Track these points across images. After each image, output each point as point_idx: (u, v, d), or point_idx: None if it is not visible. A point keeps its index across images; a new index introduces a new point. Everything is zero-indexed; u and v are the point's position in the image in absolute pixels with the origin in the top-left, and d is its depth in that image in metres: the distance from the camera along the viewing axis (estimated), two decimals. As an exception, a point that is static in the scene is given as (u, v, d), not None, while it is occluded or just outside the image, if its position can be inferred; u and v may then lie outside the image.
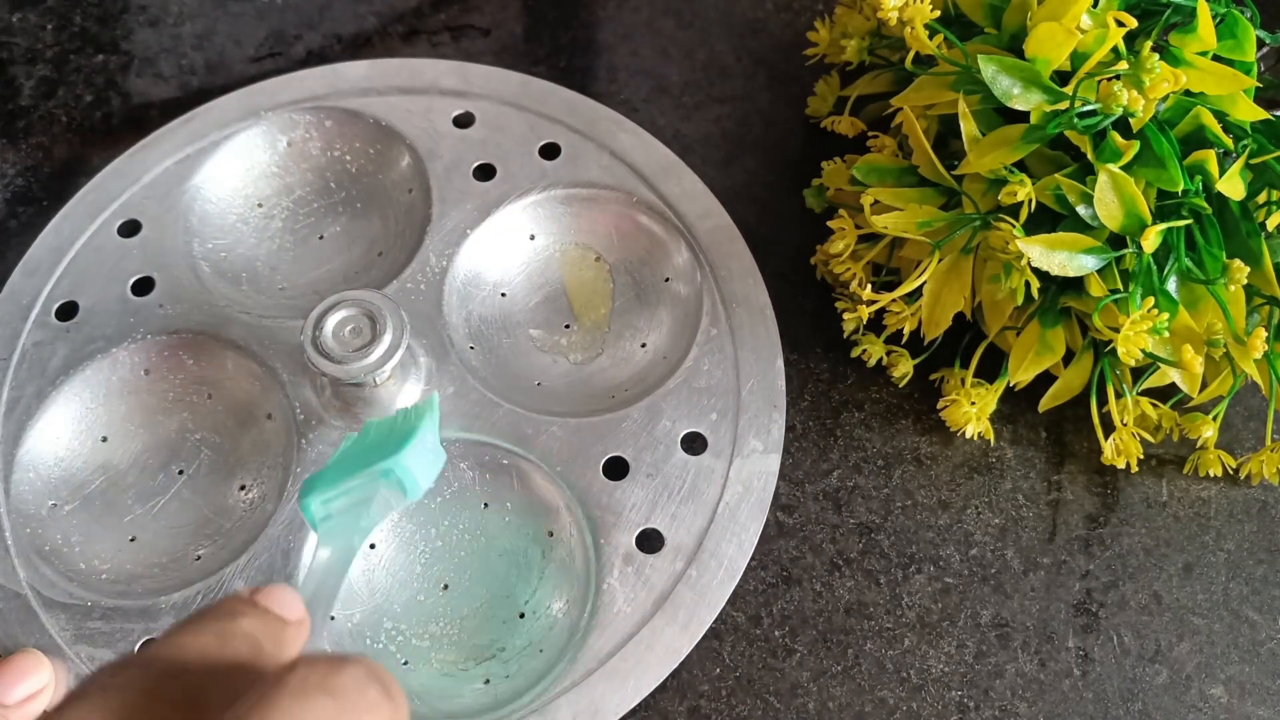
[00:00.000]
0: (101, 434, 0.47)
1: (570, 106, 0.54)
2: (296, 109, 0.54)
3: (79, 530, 0.45)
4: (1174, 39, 0.43)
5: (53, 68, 0.58)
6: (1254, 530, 0.46)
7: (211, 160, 0.53)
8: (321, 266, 0.52)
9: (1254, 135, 0.44)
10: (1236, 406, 0.48)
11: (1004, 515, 0.47)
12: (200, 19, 0.59)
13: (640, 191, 0.51)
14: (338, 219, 0.53)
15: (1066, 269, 0.41)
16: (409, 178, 0.53)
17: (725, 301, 0.49)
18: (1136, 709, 0.43)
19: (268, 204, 0.53)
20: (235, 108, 0.54)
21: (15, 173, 0.54)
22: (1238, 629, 0.44)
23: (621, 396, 0.48)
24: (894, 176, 0.47)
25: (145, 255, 0.50)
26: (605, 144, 0.53)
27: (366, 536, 0.35)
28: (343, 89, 0.54)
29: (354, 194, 0.54)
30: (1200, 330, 0.43)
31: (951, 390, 0.47)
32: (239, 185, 0.53)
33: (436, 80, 0.55)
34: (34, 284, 0.49)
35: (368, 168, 0.54)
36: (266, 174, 0.54)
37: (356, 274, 0.51)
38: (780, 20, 0.60)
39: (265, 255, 0.52)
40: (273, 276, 0.51)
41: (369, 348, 0.43)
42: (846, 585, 0.45)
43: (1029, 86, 0.42)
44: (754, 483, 0.45)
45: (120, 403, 0.47)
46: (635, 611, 0.43)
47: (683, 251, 0.50)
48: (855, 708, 0.43)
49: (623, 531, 0.44)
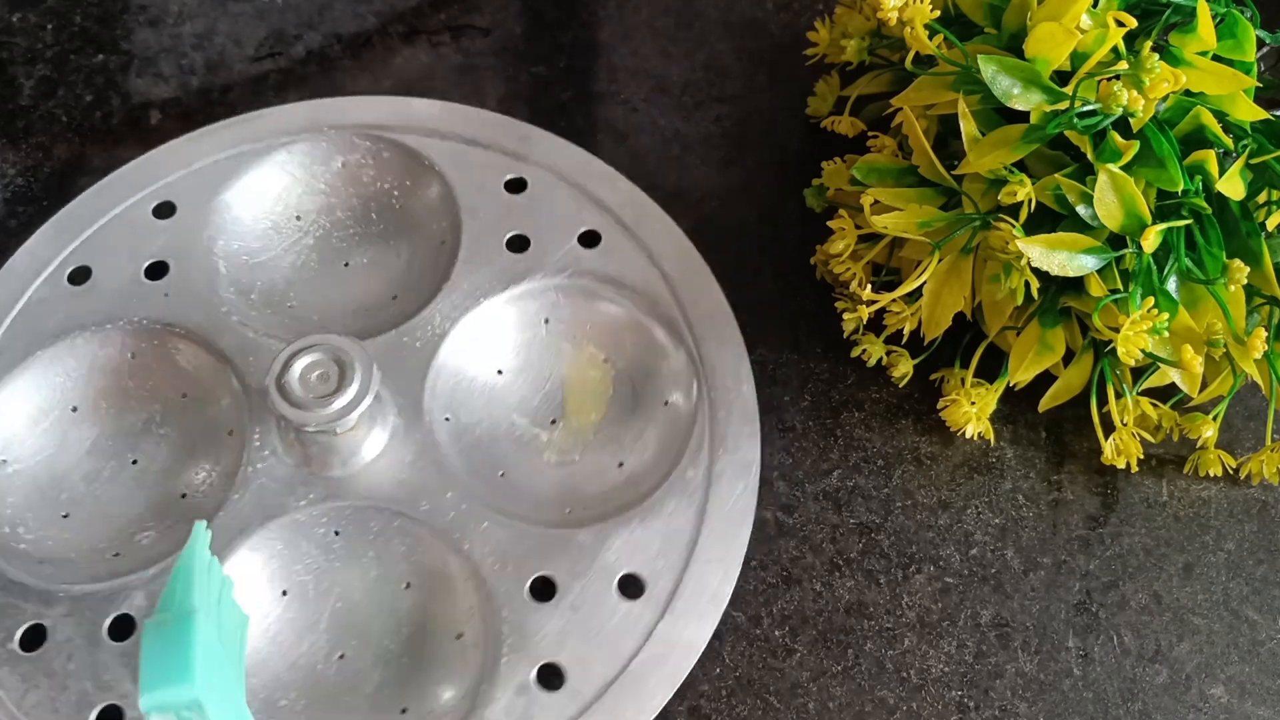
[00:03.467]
0: (73, 404, 0.47)
1: (626, 198, 0.52)
2: (360, 133, 0.53)
3: (16, 493, 0.45)
4: (1174, 39, 0.43)
5: (53, 68, 0.58)
6: (1254, 530, 0.46)
7: (263, 163, 0.52)
8: (336, 293, 0.51)
9: (1254, 135, 0.44)
10: (1236, 406, 0.48)
11: (1004, 515, 0.47)
12: (200, 19, 0.59)
13: (665, 304, 0.49)
14: (367, 250, 0.52)
15: (1066, 269, 0.41)
16: (445, 229, 0.52)
17: (713, 447, 0.46)
18: (1136, 709, 0.43)
19: (306, 219, 0.52)
20: (301, 117, 0.54)
21: (15, 173, 0.54)
22: (1238, 629, 0.44)
23: (578, 514, 0.45)
24: (894, 176, 0.47)
25: (169, 240, 0.50)
26: (646, 245, 0.50)
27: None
28: (410, 123, 0.53)
29: (389, 229, 0.53)
30: (1200, 330, 0.43)
31: (951, 390, 0.47)
32: (283, 194, 0.52)
33: (501, 138, 0.53)
34: (58, 244, 0.50)
35: (410, 207, 0.53)
36: (313, 190, 0.53)
37: (365, 312, 0.50)
38: (780, 20, 0.60)
39: (287, 269, 0.51)
40: (286, 292, 0.51)
41: (333, 396, 0.41)
42: (846, 585, 0.45)
43: (1029, 86, 0.42)
44: (673, 653, 0.42)
45: (100, 379, 0.47)
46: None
47: (690, 382, 0.48)
48: (855, 707, 0.43)
49: (525, 660, 0.41)
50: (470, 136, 0.54)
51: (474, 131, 0.54)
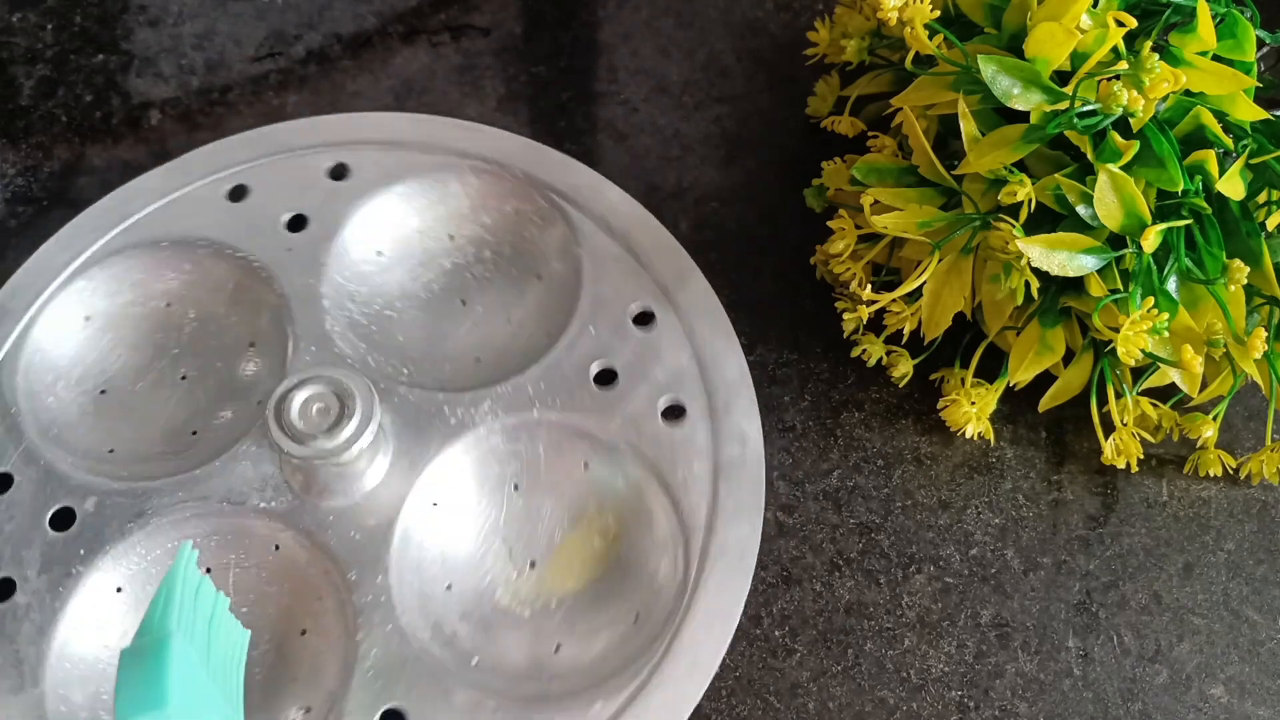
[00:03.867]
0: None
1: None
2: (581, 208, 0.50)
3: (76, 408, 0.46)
4: (1174, 39, 0.43)
5: (53, 68, 0.58)
6: (1254, 530, 0.46)
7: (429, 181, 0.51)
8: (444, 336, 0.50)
9: (1254, 135, 0.44)
10: (1236, 406, 0.48)
11: (1004, 515, 0.47)
12: (200, 19, 0.59)
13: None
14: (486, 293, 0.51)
15: (1066, 269, 0.41)
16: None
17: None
18: (1136, 709, 0.43)
19: (460, 238, 0.51)
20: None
21: (15, 173, 0.54)
22: (1238, 629, 0.44)
23: (493, 686, 0.42)
24: (894, 176, 0.47)
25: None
26: (724, 420, 0.46)
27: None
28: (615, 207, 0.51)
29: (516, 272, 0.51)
30: (1200, 330, 0.43)
31: (951, 390, 0.47)
32: (445, 213, 0.51)
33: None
34: (139, 203, 0.50)
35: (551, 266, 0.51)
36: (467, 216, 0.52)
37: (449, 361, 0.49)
38: (780, 20, 0.60)
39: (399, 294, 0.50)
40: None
41: (333, 430, 0.40)
42: (846, 585, 0.45)
43: (1029, 86, 0.42)
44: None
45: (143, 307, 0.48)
46: None
47: (682, 590, 0.43)
48: (855, 707, 0.43)
49: None
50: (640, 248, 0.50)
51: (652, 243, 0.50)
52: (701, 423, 0.45)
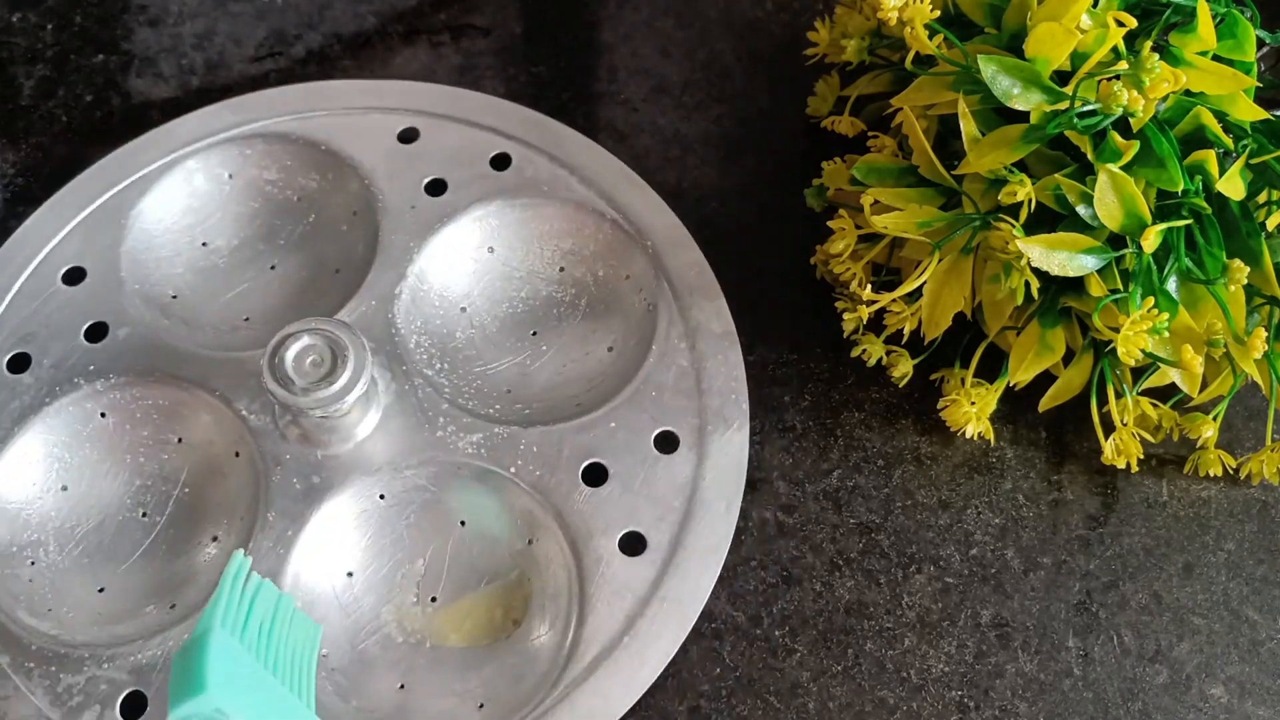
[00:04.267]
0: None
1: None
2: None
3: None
4: (1174, 39, 0.43)
5: (53, 68, 0.58)
6: (1254, 530, 0.46)
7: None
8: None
9: (1254, 135, 0.44)
10: (1236, 406, 0.48)
11: (1004, 515, 0.47)
12: (200, 19, 0.59)
13: None
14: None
15: (1066, 269, 0.41)
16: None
17: None
18: (1137, 709, 0.43)
19: (569, 274, 0.51)
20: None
21: (15, 173, 0.54)
22: (1238, 629, 0.44)
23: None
24: (894, 176, 0.47)
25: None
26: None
27: None
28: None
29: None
30: (1200, 330, 0.43)
31: (951, 390, 0.47)
32: (572, 247, 0.52)
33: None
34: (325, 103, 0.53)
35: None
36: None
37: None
38: (780, 20, 0.60)
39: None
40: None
41: (329, 378, 0.42)
42: (847, 585, 0.45)
43: (1029, 86, 0.42)
44: None
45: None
46: None
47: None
48: (855, 708, 0.43)
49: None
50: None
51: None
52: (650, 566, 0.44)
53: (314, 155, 0.53)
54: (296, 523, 0.44)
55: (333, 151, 0.52)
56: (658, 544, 0.44)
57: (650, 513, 0.44)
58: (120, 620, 0.43)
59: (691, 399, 0.47)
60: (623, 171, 0.52)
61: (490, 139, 0.53)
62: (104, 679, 0.41)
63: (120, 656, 0.41)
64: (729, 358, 0.48)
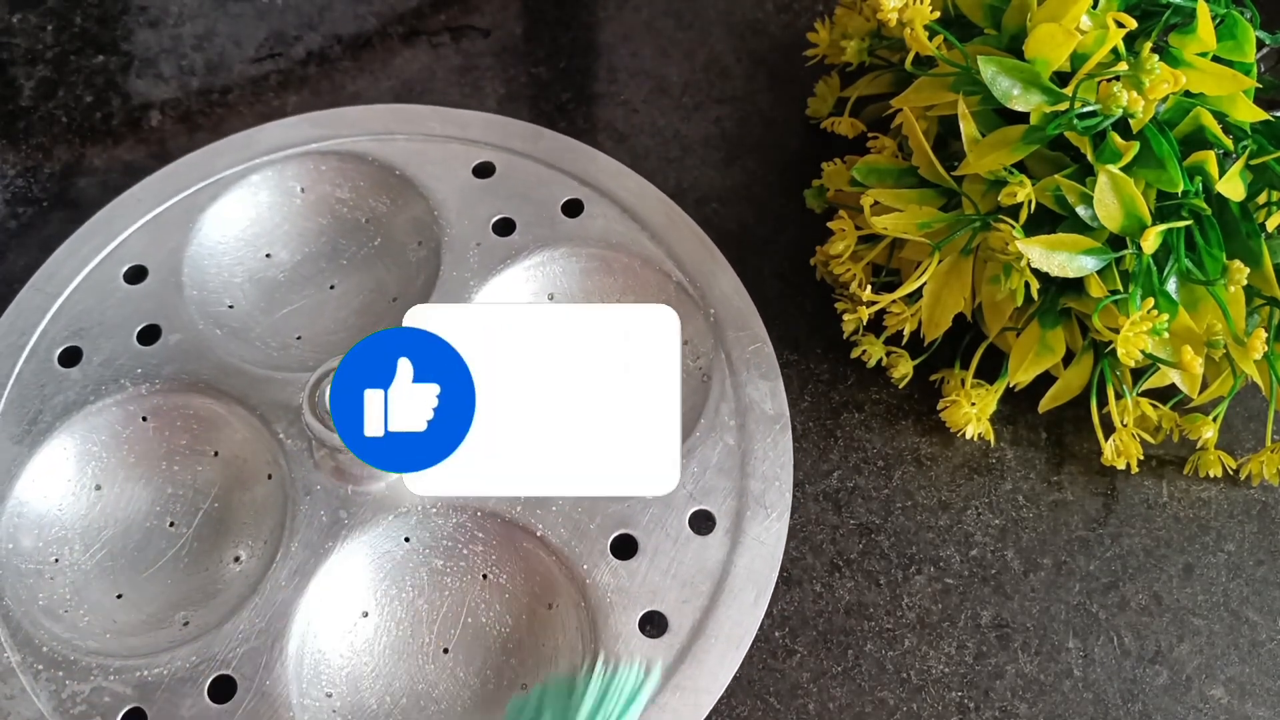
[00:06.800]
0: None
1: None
2: None
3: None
4: (1174, 40, 0.43)
5: (53, 68, 0.58)
6: (1254, 531, 0.46)
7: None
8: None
9: (1254, 136, 0.44)
10: (1236, 407, 0.48)
11: (1004, 516, 0.47)
12: (200, 19, 0.59)
13: None
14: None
15: (1066, 270, 0.41)
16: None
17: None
18: (1137, 710, 0.43)
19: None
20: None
21: (15, 173, 0.54)
22: (1238, 629, 0.44)
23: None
24: (894, 177, 0.47)
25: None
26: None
27: None
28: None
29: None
30: (1200, 331, 0.43)
31: (951, 391, 0.47)
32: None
33: None
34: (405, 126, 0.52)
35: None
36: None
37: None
38: (780, 21, 0.60)
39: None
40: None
41: None
42: (846, 586, 0.45)
43: (1029, 87, 0.42)
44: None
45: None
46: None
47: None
48: (855, 708, 0.43)
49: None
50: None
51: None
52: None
53: (387, 179, 0.52)
54: (318, 555, 0.43)
55: (407, 178, 0.51)
56: (678, 627, 0.42)
57: (676, 595, 0.43)
58: (134, 632, 0.43)
59: (734, 479, 0.45)
60: (695, 233, 0.50)
61: (565, 182, 0.52)
62: (108, 691, 0.40)
63: (128, 670, 0.41)
64: (779, 442, 0.46)
